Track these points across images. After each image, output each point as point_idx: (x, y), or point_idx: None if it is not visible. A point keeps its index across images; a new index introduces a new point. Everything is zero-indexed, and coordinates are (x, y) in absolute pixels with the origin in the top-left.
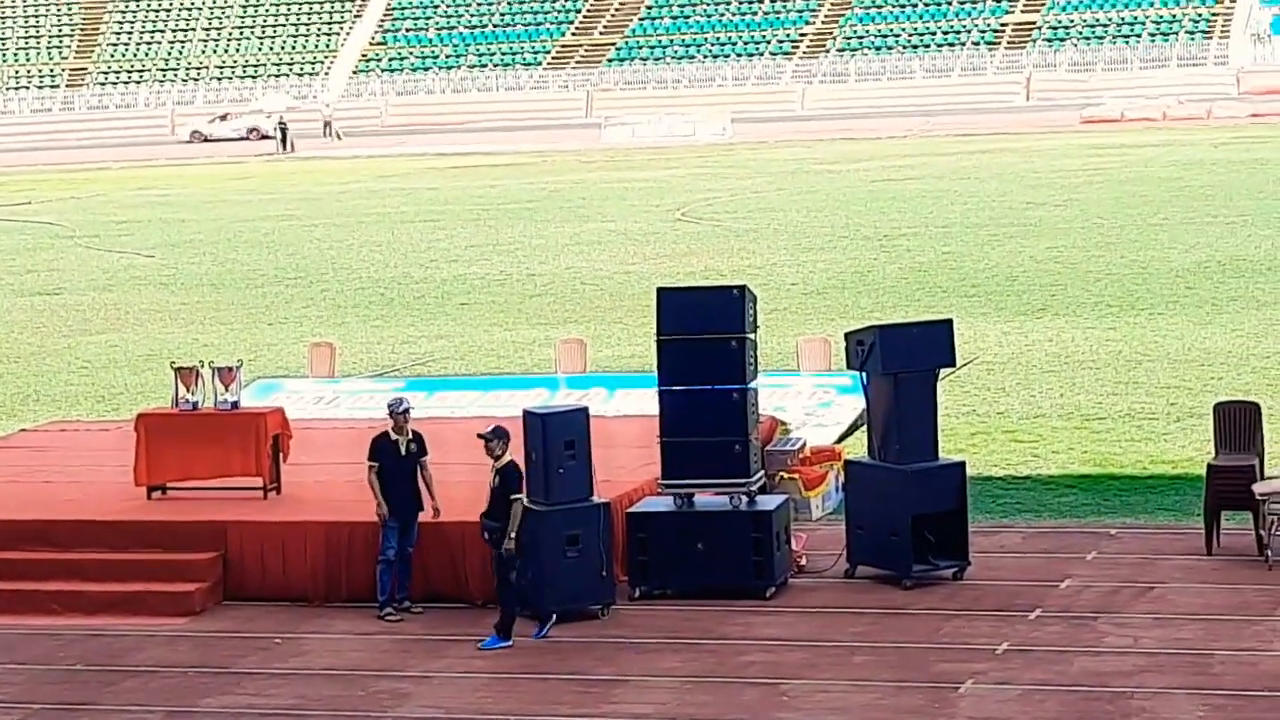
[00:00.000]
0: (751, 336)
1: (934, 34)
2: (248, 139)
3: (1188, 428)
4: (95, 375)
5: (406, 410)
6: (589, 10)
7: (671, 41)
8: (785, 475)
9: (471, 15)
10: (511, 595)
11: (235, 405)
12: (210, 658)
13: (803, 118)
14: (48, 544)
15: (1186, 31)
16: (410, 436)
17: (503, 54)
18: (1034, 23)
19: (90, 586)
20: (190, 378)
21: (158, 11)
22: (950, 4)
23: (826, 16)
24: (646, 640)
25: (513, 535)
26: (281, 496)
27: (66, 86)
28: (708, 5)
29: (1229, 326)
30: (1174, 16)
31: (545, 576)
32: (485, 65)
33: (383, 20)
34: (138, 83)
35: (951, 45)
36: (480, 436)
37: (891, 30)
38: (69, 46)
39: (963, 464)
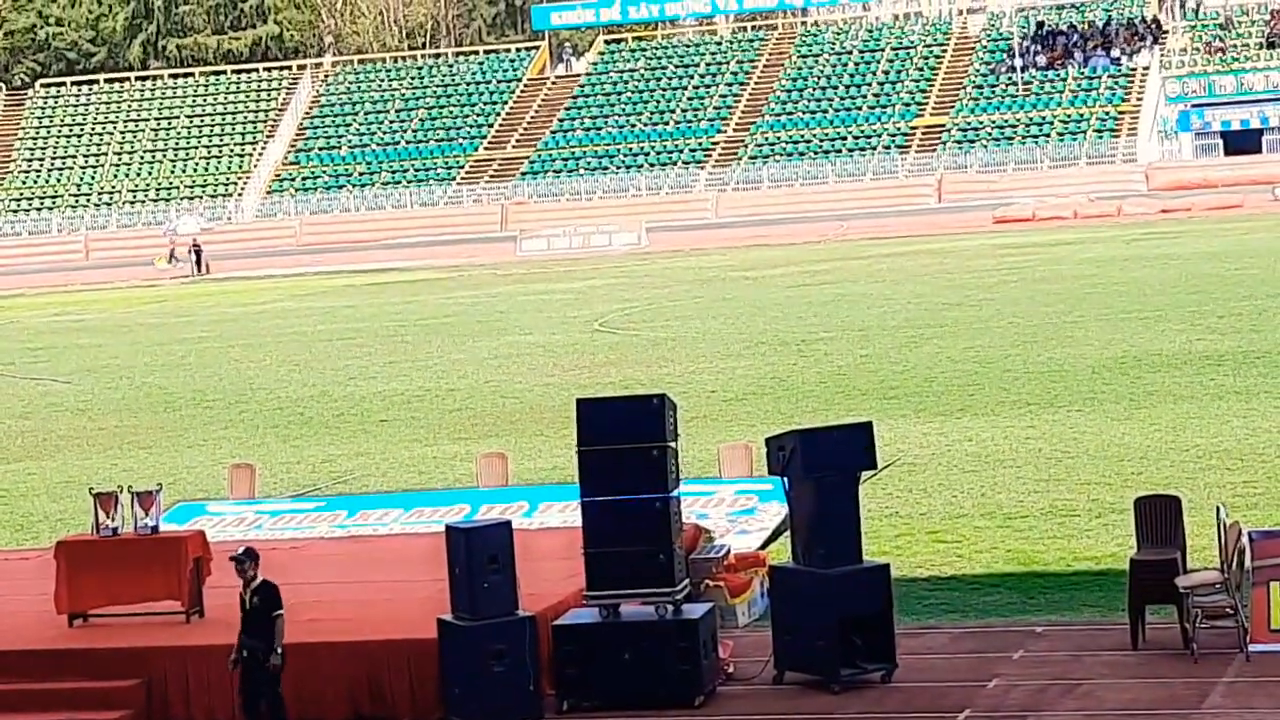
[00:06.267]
0: (672, 445)
1: (845, 139)
2: None
3: (1109, 523)
4: (13, 503)
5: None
6: (501, 124)
7: (585, 153)
8: (710, 583)
9: (384, 132)
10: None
11: (155, 530)
12: None
13: (717, 225)
14: None
15: (1095, 130)
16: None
17: (416, 170)
18: (944, 125)
19: (13, 718)
20: (109, 503)
21: (69, 137)
22: (860, 109)
23: (738, 124)
24: None
25: (278, 650)
26: (204, 620)
27: None
28: (619, 117)
29: (1147, 421)
30: (1082, 116)
31: (472, 692)
32: (399, 181)
33: (295, 139)
34: (50, 209)
35: (863, 149)
36: (232, 559)
37: (803, 136)
38: None
39: (887, 566)
